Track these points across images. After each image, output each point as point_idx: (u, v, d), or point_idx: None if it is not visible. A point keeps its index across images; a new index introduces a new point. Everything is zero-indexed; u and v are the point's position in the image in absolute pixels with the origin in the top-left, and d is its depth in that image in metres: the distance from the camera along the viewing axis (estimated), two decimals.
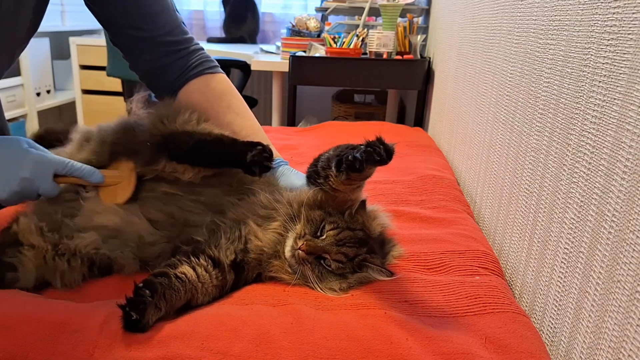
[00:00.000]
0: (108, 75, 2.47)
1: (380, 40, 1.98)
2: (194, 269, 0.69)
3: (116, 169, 0.82)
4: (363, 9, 2.19)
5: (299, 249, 0.71)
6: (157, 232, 0.77)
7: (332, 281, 0.72)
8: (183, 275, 0.67)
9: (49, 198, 0.78)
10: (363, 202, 0.77)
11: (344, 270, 0.72)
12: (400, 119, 2.68)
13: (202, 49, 1.01)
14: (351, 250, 0.71)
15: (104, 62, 2.46)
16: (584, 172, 0.67)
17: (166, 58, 0.95)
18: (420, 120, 2.09)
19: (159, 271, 0.67)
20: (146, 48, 0.94)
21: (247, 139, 0.84)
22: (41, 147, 0.77)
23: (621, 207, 0.58)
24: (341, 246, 0.71)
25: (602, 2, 0.66)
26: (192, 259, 0.70)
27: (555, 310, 0.73)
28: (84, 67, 2.95)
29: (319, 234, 0.73)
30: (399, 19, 2.08)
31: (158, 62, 0.95)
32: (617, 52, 0.61)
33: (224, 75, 0.99)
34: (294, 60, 2.00)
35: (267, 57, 2.38)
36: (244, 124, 0.93)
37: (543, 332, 0.76)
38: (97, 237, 0.76)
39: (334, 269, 0.72)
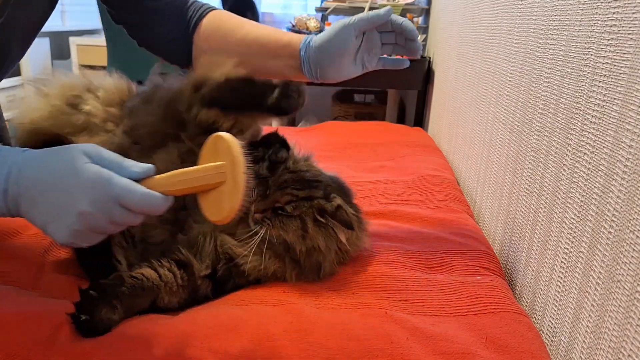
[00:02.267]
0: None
1: None
2: (155, 270, 0.68)
3: (214, 153, 0.54)
4: (363, 8, 2.19)
5: (254, 213, 0.72)
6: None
7: (294, 227, 0.72)
8: (140, 275, 0.66)
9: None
10: (281, 142, 0.79)
11: (301, 212, 0.72)
12: (400, 119, 2.68)
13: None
14: (299, 191, 0.73)
15: (104, 62, 2.46)
16: (584, 172, 0.67)
17: (176, 25, 0.95)
18: (420, 120, 2.09)
19: (111, 276, 0.66)
20: (158, 19, 0.94)
21: (270, 36, 0.88)
22: (111, 155, 0.55)
23: (621, 207, 0.58)
24: (285, 188, 0.73)
25: (602, 2, 0.66)
26: (154, 262, 0.70)
27: (555, 310, 0.73)
28: (84, 67, 2.95)
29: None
30: None
31: (170, 32, 0.95)
32: (617, 52, 0.61)
33: (222, 9, 1.00)
34: None
35: None
36: (259, 29, 0.92)
37: (543, 332, 0.76)
38: None
39: (291, 211, 0.72)
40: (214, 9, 0.97)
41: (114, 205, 0.52)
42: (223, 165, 0.53)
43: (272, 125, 1.30)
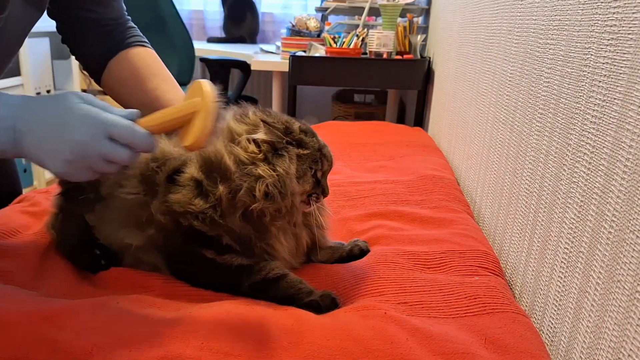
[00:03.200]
0: None
1: (380, 40, 1.98)
2: None
3: (192, 95, 0.63)
4: (363, 8, 2.19)
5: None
6: None
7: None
8: None
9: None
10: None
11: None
12: (400, 119, 2.68)
13: (137, 29, 1.02)
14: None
15: None
16: (584, 172, 0.67)
17: (107, 39, 0.96)
18: (420, 120, 2.10)
19: None
20: (91, 29, 0.95)
21: (171, 103, 0.87)
22: (101, 102, 0.63)
23: (621, 207, 0.58)
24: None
25: (602, 2, 0.66)
26: None
27: (555, 310, 0.73)
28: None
29: None
30: (399, 19, 2.08)
31: (92, 46, 0.96)
32: (617, 52, 0.61)
33: (154, 51, 1.00)
34: (294, 60, 2.00)
35: (267, 57, 2.38)
36: (168, 89, 0.93)
37: (543, 332, 0.76)
38: None
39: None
40: (143, 45, 0.98)
41: (104, 137, 0.59)
42: (196, 100, 0.61)
43: None
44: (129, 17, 1.01)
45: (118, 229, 0.76)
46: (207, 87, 0.61)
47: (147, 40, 1.00)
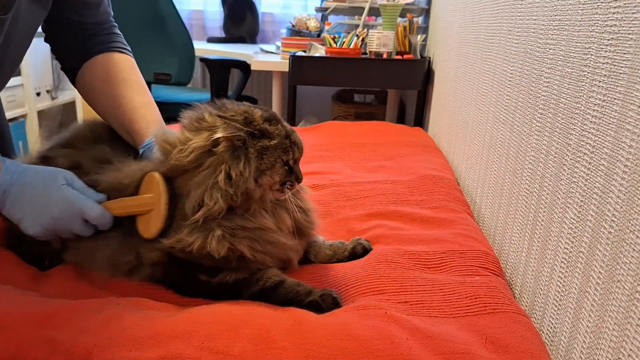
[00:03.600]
0: None
1: (380, 40, 1.98)
2: None
3: (149, 187, 0.74)
4: (363, 8, 2.19)
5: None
6: None
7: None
8: None
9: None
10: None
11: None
12: (400, 119, 2.68)
13: (121, 37, 1.02)
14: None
15: None
16: (584, 172, 0.67)
17: (86, 42, 0.97)
18: (420, 120, 2.10)
19: None
20: (73, 31, 0.96)
21: (134, 111, 0.89)
22: (80, 183, 0.76)
23: (621, 207, 0.58)
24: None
25: (602, 2, 0.66)
26: None
27: (555, 310, 0.73)
28: None
29: None
30: (399, 19, 2.08)
31: (77, 47, 0.97)
32: (617, 52, 0.61)
33: (132, 58, 1.01)
34: (294, 60, 2.00)
35: (267, 57, 2.38)
36: (132, 96, 0.94)
37: (543, 332, 0.76)
38: None
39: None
40: (121, 51, 0.98)
41: (78, 218, 0.74)
42: (152, 196, 0.72)
43: None
44: (116, 24, 1.01)
45: (107, 269, 0.75)
46: (162, 186, 0.71)
47: (128, 48, 1.01)
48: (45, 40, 0.99)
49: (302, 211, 0.80)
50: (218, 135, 0.69)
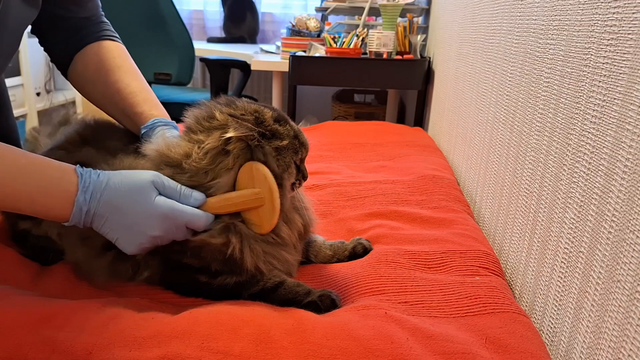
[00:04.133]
0: None
1: (380, 40, 1.98)
2: None
3: (250, 181, 0.69)
4: (363, 8, 2.19)
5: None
6: None
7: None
8: None
9: None
10: None
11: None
12: (400, 119, 2.68)
13: (110, 25, 1.03)
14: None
15: None
16: (584, 172, 0.67)
17: (76, 35, 0.97)
18: (420, 120, 2.09)
19: None
20: (61, 26, 0.96)
21: (133, 95, 0.88)
22: (171, 184, 0.69)
23: (621, 207, 0.58)
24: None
25: (602, 2, 0.66)
26: None
27: (555, 310, 0.73)
28: None
29: None
30: (399, 19, 2.08)
31: (67, 40, 0.97)
32: (617, 52, 0.61)
33: (122, 45, 1.00)
34: (294, 60, 2.00)
35: (267, 57, 2.38)
36: (129, 82, 0.93)
37: (543, 332, 0.76)
38: None
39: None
40: (111, 39, 0.98)
41: (181, 228, 0.68)
42: (260, 191, 0.68)
43: None
44: (102, 13, 1.01)
45: (105, 275, 0.75)
46: (270, 179, 0.67)
47: (117, 36, 1.00)
48: (32, 32, 0.98)
49: (304, 208, 0.79)
50: (230, 134, 0.68)
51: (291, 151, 0.72)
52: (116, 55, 0.96)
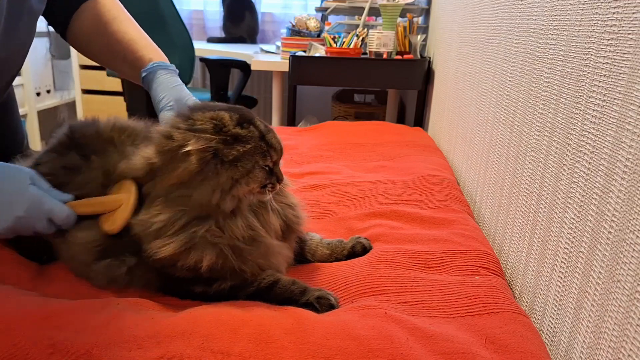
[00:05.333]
0: (108, 75, 2.46)
1: (380, 40, 1.98)
2: None
3: (118, 190, 0.75)
4: (363, 8, 2.19)
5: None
6: None
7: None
8: None
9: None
10: None
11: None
12: (400, 119, 2.68)
13: None
14: None
15: None
16: (584, 172, 0.67)
17: None
18: (420, 120, 2.09)
19: None
20: None
21: (132, 42, 0.93)
22: (44, 183, 0.75)
23: (621, 207, 0.58)
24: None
25: (602, 2, 0.66)
26: None
27: (555, 310, 0.73)
28: (84, 67, 2.95)
29: None
30: (399, 19, 2.08)
31: (63, 1, 0.99)
32: (617, 52, 0.61)
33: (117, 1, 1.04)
34: (294, 60, 2.00)
35: (267, 57, 2.38)
36: (127, 30, 0.98)
37: (543, 332, 0.76)
38: None
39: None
40: None
41: (43, 218, 0.73)
42: (121, 196, 0.73)
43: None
44: None
45: (103, 280, 0.74)
46: (134, 188, 0.73)
47: None
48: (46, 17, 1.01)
49: (287, 207, 0.78)
50: (188, 148, 0.66)
51: (257, 154, 0.69)
52: (110, 7, 1.00)
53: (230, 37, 3.01)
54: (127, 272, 0.72)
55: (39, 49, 2.81)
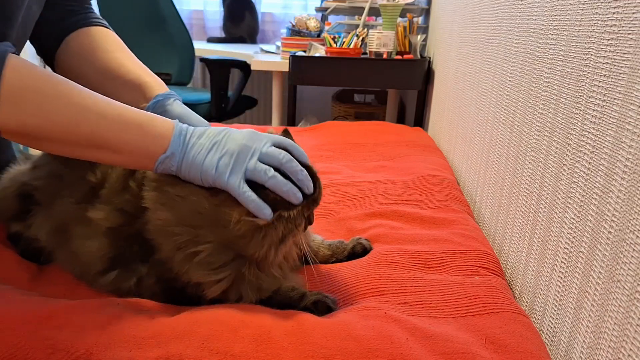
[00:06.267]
0: None
1: (380, 40, 1.98)
2: None
3: None
4: (363, 8, 2.19)
5: None
6: None
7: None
8: None
9: None
10: None
11: None
12: (400, 119, 2.68)
13: (99, 15, 1.02)
14: None
15: None
16: (584, 172, 0.67)
17: (66, 18, 0.96)
18: (420, 120, 2.10)
19: None
20: (52, 8, 0.94)
21: (130, 70, 0.89)
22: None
23: (621, 207, 0.58)
24: None
25: (602, 2, 0.66)
26: None
27: (555, 310, 0.73)
28: None
29: None
30: (399, 19, 2.08)
31: (57, 22, 0.96)
32: (617, 52, 0.61)
33: (114, 33, 1.00)
34: (294, 60, 2.00)
35: (267, 57, 2.38)
36: (126, 56, 0.94)
37: (543, 332, 0.76)
38: None
39: None
40: (104, 26, 0.98)
41: (269, 144, 0.70)
42: None
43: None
44: (91, 4, 1.01)
45: (108, 289, 0.74)
46: None
47: (108, 24, 1.00)
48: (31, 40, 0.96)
49: (308, 244, 0.79)
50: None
51: (305, 208, 0.70)
52: (111, 38, 0.97)
53: (230, 37, 3.01)
54: (136, 284, 0.72)
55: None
